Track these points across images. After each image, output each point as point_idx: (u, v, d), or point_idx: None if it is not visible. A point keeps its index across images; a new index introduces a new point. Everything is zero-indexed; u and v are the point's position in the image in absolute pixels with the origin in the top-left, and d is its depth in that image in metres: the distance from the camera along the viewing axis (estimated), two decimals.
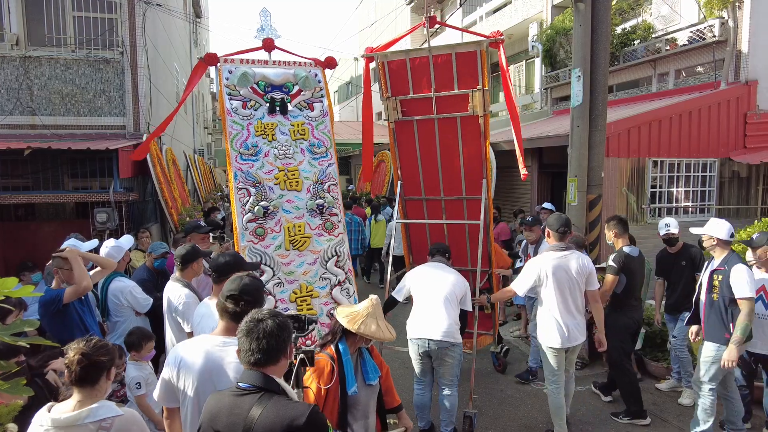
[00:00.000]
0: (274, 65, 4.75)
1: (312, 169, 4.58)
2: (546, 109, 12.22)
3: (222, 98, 4.49)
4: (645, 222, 7.50)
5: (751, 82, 7.81)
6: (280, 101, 4.65)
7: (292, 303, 4.15)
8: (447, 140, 5.01)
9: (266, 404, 1.66)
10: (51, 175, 7.13)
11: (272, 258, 4.23)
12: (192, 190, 14.00)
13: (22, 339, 1.64)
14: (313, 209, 4.48)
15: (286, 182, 4.46)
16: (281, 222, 4.36)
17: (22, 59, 7.62)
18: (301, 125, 4.67)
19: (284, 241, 4.32)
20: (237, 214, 4.25)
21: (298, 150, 4.59)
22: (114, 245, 4.10)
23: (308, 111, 4.74)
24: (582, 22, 5.78)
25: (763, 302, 4.01)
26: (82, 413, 1.89)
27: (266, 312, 1.84)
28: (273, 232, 4.31)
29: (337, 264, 4.45)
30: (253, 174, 4.35)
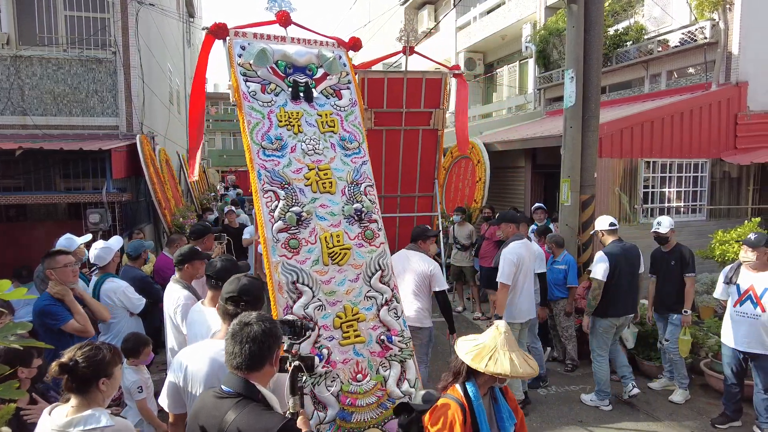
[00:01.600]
0: (293, 43, 4.01)
1: (345, 168, 3.83)
2: (539, 110, 12.27)
3: (236, 79, 3.70)
4: (637, 222, 7.56)
5: (741, 83, 7.89)
6: (304, 86, 3.88)
7: (338, 329, 3.39)
8: (409, 148, 6.03)
9: (242, 411, 1.66)
10: (43, 176, 7.08)
11: (309, 275, 3.42)
12: (185, 190, 13.94)
13: (15, 341, 1.63)
14: (350, 215, 3.71)
15: (319, 183, 3.69)
16: (316, 231, 3.54)
17: (13, 59, 7.56)
18: (329, 115, 3.94)
19: (322, 255, 3.50)
20: (265, 223, 3.43)
21: (328, 145, 3.83)
22: (103, 246, 4.10)
23: (335, 99, 4.03)
24: (575, 23, 5.82)
25: (751, 301, 4.07)
26: (73, 420, 1.89)
27: (255, 316, 1.82)
28: (308, 243, 3.50)
29: (381, 280, 3.67)
30: (280, 173, 3.57)
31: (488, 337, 2.16)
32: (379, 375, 3.40)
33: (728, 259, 5.53)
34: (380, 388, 3.37)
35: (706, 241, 6.37)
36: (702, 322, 5.67)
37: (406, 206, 6.54)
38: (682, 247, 4.97)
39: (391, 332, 3.54)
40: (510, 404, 2.29)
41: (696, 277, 5.03)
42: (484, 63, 15.86)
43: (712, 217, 8.07)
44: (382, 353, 3.47)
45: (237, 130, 42.92)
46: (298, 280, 3.37)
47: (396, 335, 3.54)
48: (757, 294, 4.05)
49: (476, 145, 9.51)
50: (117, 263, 4.40)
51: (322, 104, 3.95)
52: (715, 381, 4.93)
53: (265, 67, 3.78)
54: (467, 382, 2.15)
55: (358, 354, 3.37)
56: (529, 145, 9.00)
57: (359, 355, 3.38)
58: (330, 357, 3.28)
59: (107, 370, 1.97)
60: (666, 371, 5.16)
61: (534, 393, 5.09)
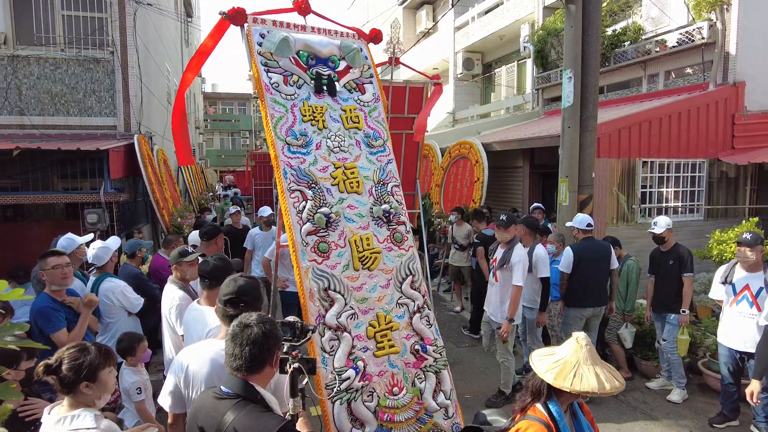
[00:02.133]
0: (313, 32, 3.79)
1: (371, 167, 3.64)
2: (537, 110, 12.28)
3: (257, 69, 3.47)
4: (635, 222, 7.57)
5: (738, 83, 7.91)
6: (327, 78, 3.67)
7: (371, 339, 3.21)
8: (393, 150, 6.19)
9: (241, 412, 1.67)
10: (40, 176, 7.06)
11: (341, 281, 3.22)
12: (183, 190, 13.91)
13: (11, 342, 1.62)
14: (379, 217, 3.52)
15: (346, 183, 3.49)
16: (345, 234, 3.35)
17: (10, 58, 7.54)
18: (353, 111, 3.75)
19: (352, 259, 3.31)
20: (293, 225, 3.21)
21: (353, 142, 3.64)
22: (101, 246, 4.11)
23: (358, 93, 3.83)
24: (573, 24, 5.82)
25: (747, 301, 4.08)
26: (62, 418, 1.92)
27: (255, 317, 1.82)
28: (338, 247, 3.29)
29: (413, 286, 3.51)
30: (306, 171, 3.36)
31: (568, 351, 2.02)
32: (415, 387, 3.23)
33: (726, 258, 5.54)
34: (417, 402, 3.21)
35: (703, 240, 6.38)
36: (700, 321, 5.68)
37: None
38: (680, 247, 4.98)
39: (424, 341, 3.38)
40: (587, 417, 2.21)
41: (694, 276, 5.04)
42: (483, 63, 15.88)
43: (709, 217, 8.09)
44: (417, 364, 3.29)
45: (235, 130, 43.19)
46: (330, 287, 3.17)
47: (430, 344, 3.39)
48: (753, 293, 4.06)
49: (474, 145, 9.52)
50: (115, 263, 4.39)
51: (346, 99, 3.74)
52: (713, 380, 4.94)
53: (287, 58, 3.55)
54: (549, 402, 2.03)
55: (393, 365, 3.20)
56: (527, 145, 9.01)
57: (394, 367, 3.20)
58: (365, 370, 3.09)
59: (90, 374, 1.96)
60: (664, 371, 5.17)
61: None
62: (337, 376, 2.96)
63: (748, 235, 4.13)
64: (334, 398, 2.93)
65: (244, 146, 40.76)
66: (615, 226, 7.40)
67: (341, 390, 2.96)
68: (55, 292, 3.37)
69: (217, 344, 2.20)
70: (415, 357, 3.31)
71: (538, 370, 2.03)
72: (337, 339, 3.08)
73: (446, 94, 16.91)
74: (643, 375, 5.46)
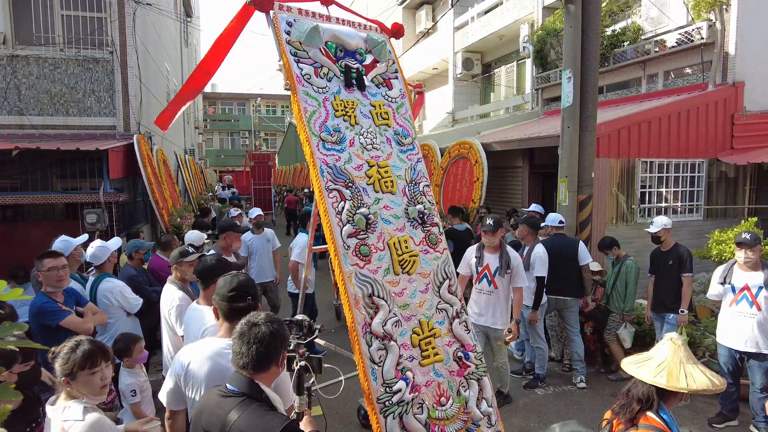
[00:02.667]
0: (338, 23, 3.61)
1: (402, 165, 3.47)
2: (537, 110, 12.28)
3: (287, 59, 3.24)
4: (635, 222, 7.58)
5: (738, 83, 7.91)
6: (356, 72, 3.48)
7: (416, 348, 3.03)
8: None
9: (245, 410, 1.67)
10: (40, 176, 7.05)
11: (383, 287, 3.03)
12: (183, 190, 13.91)
13: (11, 342, 1.62)
14: (414, 218, 3.36)
15: (381, 182, 3.30)
16: (383, 236, 3.16)
17: (10, 58, 7.53)
18: (382, 106, 3.56)
19: (392, 263, 3.13)
20: (333, 227, 3.00)
21: (383, 139, 3.45)
22: (99, 246, 4.12)
23: (386, 89, 3.64)
24: (572, 24, 5.83)
25: (747, 300, 4.08)
26: (59, 408, 2.05)
27: (263, 317, 1.84)
28: (377, 250, 3.11)
29: (450, 290, 3.35)
30: (342, 169, 3.16)
31: (668, 353, 1.96)
32: (461, 397, 3.10)
33: (725, 258, 5.54)
34: (464, 411, 3.08)
35: (703, 240, 6.39)
36: (699, 321, 5.68)
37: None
38: (680, 247, 4.98)
39: (466, 348, 3.26)
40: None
41: (693, 276, 5.05)
42: (482, 63, 15.88)
43: (709, 217, 8.10)
44: (461, 372, 3.16)
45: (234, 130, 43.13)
46: (374, 293, 2.97)
47: (471, 351, 3.29)
48: (752, 293, 4.06)
49: (474, 145, 9.52)
50: (114, 264, 4.39)
51: (374, 94, 3.54)
52: None
53: (317, 48, 3.34)
54: (660, 410, 1.97)
55: (439, 375, 3.05)
56: (526, 145, 9.02)
57: (440, 376, 3.05)
58: (414, 380, 2.94)
59: (69, 373, 2.05)
60: None
61: (532, 393, 5.11)
62: (387, 388, 2.80)
63: (747, 235, 4.12)
64: (387, 412, 2.77)
65: (244, 146, 40.77)
66: (614, 226, 7.41)
67: (393, 403, 2.80)
68: (51, 293, 3.38)
69: (215, 342, 2.21)
70: (458, 365, 3.17)
71: (644, 377, 1.96)
72: (384, 348, 2.89)
73: (446, 94, 16.91)
74: None
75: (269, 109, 44.30)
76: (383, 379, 2.82)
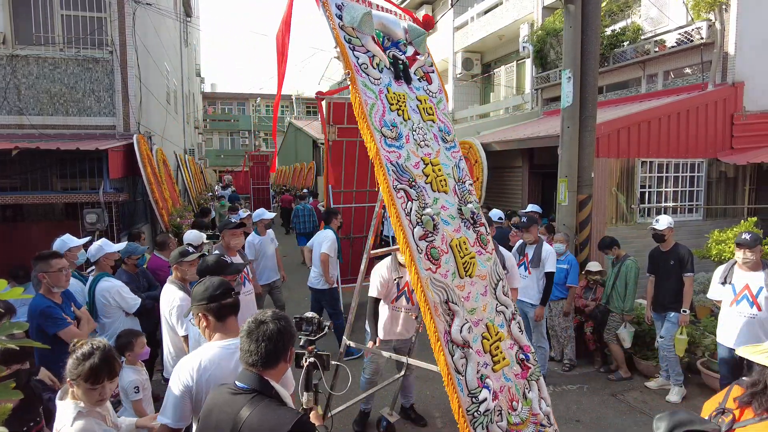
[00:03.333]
0: (379, 11, 3.36)
1: (449, 163, 3.29)
2: (537, 110, 12.29)
3: (343, 46, 2.97)
4: (634, 222, 7.58)
5: (737, 83, 7.92)
6: (402, 64, 3.27)
7: (487, 353, 2.91)
8: (364, 154, 6.98)
9: (256, 407, 1.68)
10: (40, 176, 7.05)
11: (454, 291, 2.88)
12: (182, 190, 13.91)
13: (11, 341, 1.62)
14: (467, 218, 3.21)
15: (436, 180, 3.11)
16: (446, 238, 3.00)
17: (9, 58, 7.53)
18: (426, 101, 3.38)
19: (457, 266, 2.98)
20: (405, 228, 2.78)
21: (431, 135, 3.27)
22: (98, 245, 4.14)
23: (426, 83, 3.45)
24: (572, 24, 5.83)
25: (747, 300, 4.08)
26: (60, 405, 2.16)
27: (270, 314, 1.85)
28: (443, 253, 2.93)
29: (504, 291, 3.27)
30: (405, 167, 2.96)
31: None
32: (527, 399, 3.05)
33: (725, 258, 5.54)
34: (533, 414, 3.04)
35: (702, 240, 6.39)
36: (698, 321, 5.69)
37: (360, 198, 8.22)
38: (680, 247, 4.98)
39: (524, 350, 3.21)
40: None
41: (694, 276, 5.05)
42: (482, 63, 15.89)
43: (708, 217, 8.10)
44: (524, 374, 3.10)
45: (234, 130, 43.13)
46: (449, 299, 2.82)
47: (529, 352, 3.24)
48: (753, 293, 4.06)
49: (474, 145, 9.52)
50: (114, 264, 4.39)
51: (417, 88, 3.34)
52: (712, 380, 4.95)
53: (369, 36, 3.11)
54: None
55: (507, 379, 2.98)
56: (526, 145, 9.02)
57: (508, 380, 2.98)
58: (492, 387, 2.86)
59: (75, 378, 2.11)
60: (663, 371, 5.17)
61: None
62: (474, 398, 2.72)
63: (747, 235, 4.11)
64: (476, 424, 2.69)
65: (243, 146, 40.78)
66: (614, 225, 7.41)
67: (480, 413, 2.72)
68: (52, 294, 3.37)
69: (217, 346, 2.17)
70: (521, 367, 3.10)
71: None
72: (464, 357, 2.77)
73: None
74: (642, 375, 5.47)
75: (269, 109, 44.32)
76: (468, 390, 2.72)
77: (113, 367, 2.18)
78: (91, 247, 4.15)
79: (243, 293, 4.36)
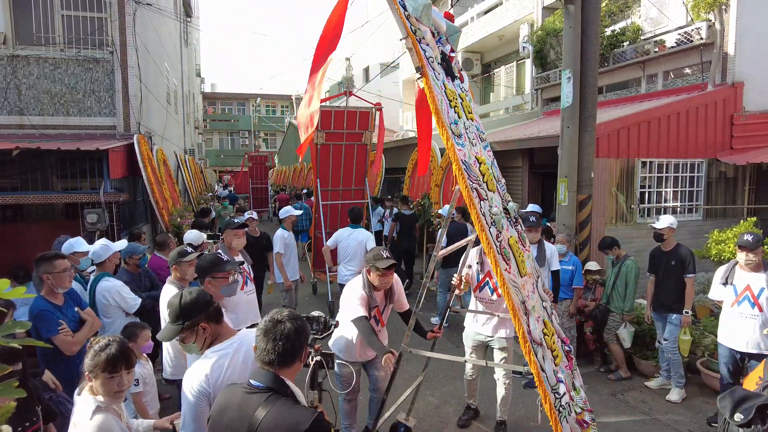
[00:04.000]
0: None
1: (488, 162, 3.19)
2: (536, 110, 12.29)
3: (413, 37, 2.75)
4: (634, 222, 7.59)
5: (737, 83, 7.93)
6: (447, 61, 3.16)
7: (549, 348, 2.90)
8: (348, 157, 9.06)
9: (272, 406, 1.69)
10: (40, 176, 7.06)
11: (521, 290, 2.86)
12: (182, 190, 13.91)
13: (13, 341, 1.63)
14: (512, 217, 3.15)
15: (489, 180, 3.02)
16: (505, 237, 2.95)
17: (10, 58, 7.54)
18: (465, 99, 3.27)
19: (518, 265, 2.94)
20: (486, 230, 2.68)
21: (474, 133, 3.17)
22: (102, 245, 4.14)
23: (459, 81, 3.32)
24: (572, 24, 5.84)
25: (749, 301, 4.08)
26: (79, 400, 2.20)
27: (287, 313, 1.85)
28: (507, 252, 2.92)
29: (542, 287, 3.31)
30: (471, 166, 2.86)
31: None
32: (577, 389, 3.13)
33: (724, 258, 5.55)
34: (585, 401, 3.11)
35: (702, 240, 6.40)
36: (698, 321, 5.69)
37: (346, 195, 9.43)
38: (681, 248, 4.98)
39: (564, 342, 3.26)
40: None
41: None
42: (482, 63, 15.89)
43: (708, 217, 8.11)
44: (570, 365, 3.16)
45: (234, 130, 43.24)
46: (522, 299, 2.81)
47: (567, 344, 3.29)
48: (754, 294, 4.06)
49: None
50: (116, 264, 4.39)
51: (457, 85, 3.22)
52: (712, 380, 4.96)
53: (428, 29, 2.94)
54: None
55: (563, 371, 3.04)
56: (526, 146, 9.02)
57: (563, 372, 3.03)
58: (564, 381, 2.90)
59: (92, 370, 2.15)
60: (663, 370, 5.18)
61: (532, 392, 5.11)
62: (556, 393, 2.77)
63: (748, 236, 4.10)
64: (561, 419, 2.73)
65: (243, 146, 40.78)
66: (614, 226, 7.42)
67: (563, 407, 2.78)
68: (55, 295, 3.38)
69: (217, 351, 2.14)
70: (566, 358, 3.14)
71: None
72: (543, 355, 2.81)
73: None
74: (642, 374, 5.47)
75: (269, 109, 44.29)
76: (550, 386, 2.76)
77: (130, 357, 2.22)
78: (94, 249, 4.12)
79: (245, 292, 4.37)
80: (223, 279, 3.09)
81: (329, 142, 8.62)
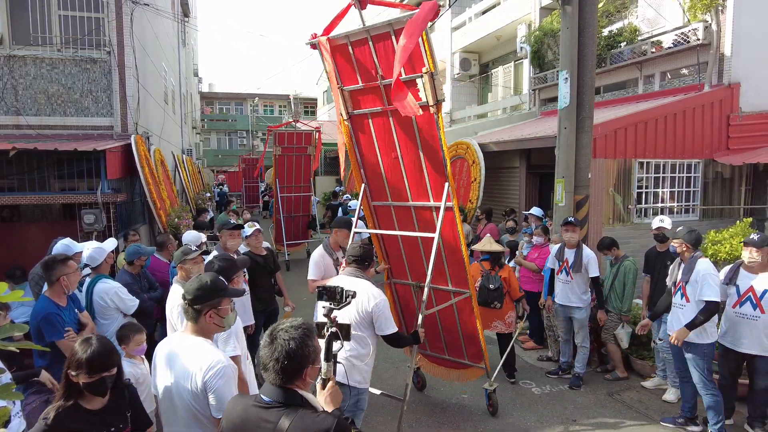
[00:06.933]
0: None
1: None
2: (534, 111, 12.31)
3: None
4: (631, 222, 7.61)
5: (733, 84, 7.96)
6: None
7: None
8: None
9: (294, 416, 1.69)
10: (37, 176, 7.04)
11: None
12: (180, 190, 13.89)
13: (11, 344, 1.62)
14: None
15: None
16: None
17: (7, 58, 7.51)
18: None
19: None
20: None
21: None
22: (96, 248, 4.10)
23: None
24: (569, 25, 5.85)
25: (751, 303, 4.09)
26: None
27: (287, 325, 1.80)
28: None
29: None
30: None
31: None
32: None
33: (720, 258, 5.57)
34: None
35: None
36: None
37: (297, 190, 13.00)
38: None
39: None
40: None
41: None
42: (480, 63, 15.90)
43: (704, 217, 8.14)
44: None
45: (232, 130, 43.24)
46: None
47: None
48: (757, 295, 4.07)
49: (471, 146, 9.53)
50: (111, 264, 4.38)
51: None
52: None
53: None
54: None
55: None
56: (523, 146, 9.05)
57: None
58: None
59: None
60: (659, 370, 5.20)
61: (528, 392, 5.13)
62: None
63: (755, 236, 4.13)
64: None
65: (241, 146, 40.68)
66: (611, 226, 7.44)
67: None
68: (61, 297, 3.38)
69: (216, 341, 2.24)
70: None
71: None
72: None
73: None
74: (639, 374, 5.49)
75: (266, 109, 44.22)
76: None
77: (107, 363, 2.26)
78: (89, 253, 4.08)
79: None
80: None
81: (284, 154, 12.16)
